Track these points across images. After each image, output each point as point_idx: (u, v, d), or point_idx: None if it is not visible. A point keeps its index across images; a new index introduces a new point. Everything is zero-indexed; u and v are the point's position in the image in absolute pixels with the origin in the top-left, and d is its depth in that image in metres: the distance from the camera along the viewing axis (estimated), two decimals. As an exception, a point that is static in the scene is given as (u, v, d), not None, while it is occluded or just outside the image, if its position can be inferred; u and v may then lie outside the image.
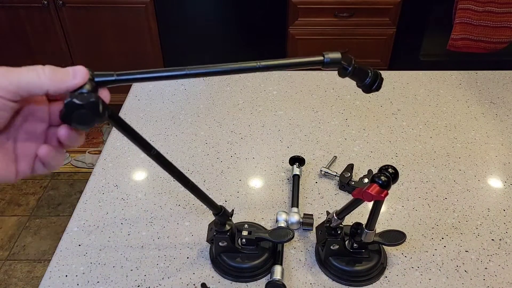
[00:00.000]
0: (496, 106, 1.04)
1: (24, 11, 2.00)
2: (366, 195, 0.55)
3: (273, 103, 1.06)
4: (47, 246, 1.74)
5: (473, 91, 1.10)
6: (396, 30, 2.03)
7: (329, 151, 0.91)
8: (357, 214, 0.75)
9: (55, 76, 0.32)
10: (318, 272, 0.67)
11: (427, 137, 0.95)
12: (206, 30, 2.08)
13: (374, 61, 2.13)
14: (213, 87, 1.11)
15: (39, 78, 0.32)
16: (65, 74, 0.33)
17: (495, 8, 1.75)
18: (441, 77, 1.15)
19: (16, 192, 1.98)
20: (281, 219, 0.73)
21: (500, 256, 0.69)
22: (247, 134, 0.95)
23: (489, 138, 0.94)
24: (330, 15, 1.99)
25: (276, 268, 0.65)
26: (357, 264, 0.65)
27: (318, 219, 0.74)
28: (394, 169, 0.56)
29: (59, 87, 0.32)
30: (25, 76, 0.31)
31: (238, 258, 0.66)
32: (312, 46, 2.09)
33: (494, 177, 0.85)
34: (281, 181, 0.83)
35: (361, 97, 1.06)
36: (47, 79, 0.32)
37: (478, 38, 1.82)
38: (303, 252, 0.70)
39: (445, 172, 0.85)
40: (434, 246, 0.71)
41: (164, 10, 2.00)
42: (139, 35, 2.04)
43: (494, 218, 0.76)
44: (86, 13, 2.01)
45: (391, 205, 0.78)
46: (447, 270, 0.67)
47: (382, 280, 0.66)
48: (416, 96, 1.08)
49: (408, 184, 0.83)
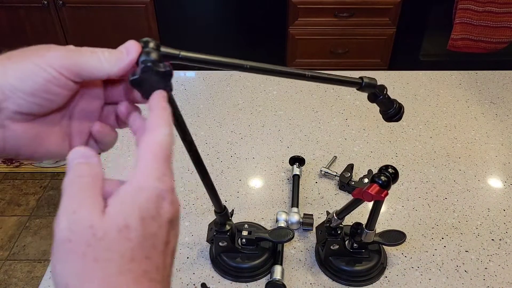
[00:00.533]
0: (496, 106, 1.04)
1: (24, 11, 2.01)
2: (366, 195, 0.55)
3: (273, 103, 1.06)
4: (47, 246, 1.74)
5: (473, 91, 1.10)
6: (396, 30, 2.03)
7: (329, 151, 0.91)
8: (357, 214, 0.75)
9: (112, 58, 0.32)
10: (318, 272, 0.67)
11: (427, 137, 0.95)
12: (206, 30, 2.08)
13: (374, 61, 2.13)
14: (213, 87, 1.11)
15: (101, 64, 0.32)
16: (120, 53, 0.33)
17: (495, 8, 1.75)
18: (441, 77, 1.15)
19: (16, 192, 1.98)
20: (281, 219, 0.72)
21: (500, 256, 0.69)
22: (247, 134, 0.95)
23: (489, 138, 0.94)
24: (330, 15, 1.99)
25: (276, 268, 0.65)
26: (357, 264, 0.65)
27: (318, 219, 0.74)
28: (394, 169, 0.56)
29: (119, 68, 0.32)
30: (88, 60, 0.31)
31: (238, 258, 0.66)
32: (312, 46, 2.09)
33: (494, 177, 0.85)
34: (281, 181, 0.83)
35: (361, 97, 1.06)
36: (107, 63, 0.32)
37: (478, 38, 1.82)
38: (303, 252, 0.70)
39: (445, 172, 0.85)
40: (434, 246, 0.71)
41: (164, 10, 2.00)
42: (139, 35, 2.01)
43: (494, 218, 0.76)
44: (86, 13, 2.01)
45: (391, 205, 0.78)
46: (447, 270, 0.67)
47: (382, 280, 0.66)
48: (416, 96, 1.08)
49: (408, 184, 0.83)
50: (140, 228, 0.26)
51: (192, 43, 2.11)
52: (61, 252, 0.25)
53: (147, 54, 0.33)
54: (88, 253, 0.25)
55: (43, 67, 0.30)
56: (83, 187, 0.28)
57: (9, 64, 0.30)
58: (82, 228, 0.25)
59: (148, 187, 0.28)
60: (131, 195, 0.28)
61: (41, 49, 0.31)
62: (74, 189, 0.27)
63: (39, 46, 0.32)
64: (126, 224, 0.26)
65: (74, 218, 0.26)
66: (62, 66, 0.30)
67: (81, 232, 0.25)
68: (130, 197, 0.27)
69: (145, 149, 0.30)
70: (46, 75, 0.30)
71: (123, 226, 0.26)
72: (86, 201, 0.27)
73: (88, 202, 0.27)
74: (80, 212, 0.26)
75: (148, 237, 0.27)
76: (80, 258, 0.25)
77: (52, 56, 0.30)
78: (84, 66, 0.31)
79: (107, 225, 0.26)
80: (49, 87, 0.30)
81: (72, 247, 0.25)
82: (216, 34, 2.11)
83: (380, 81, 0.49)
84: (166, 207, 0.28)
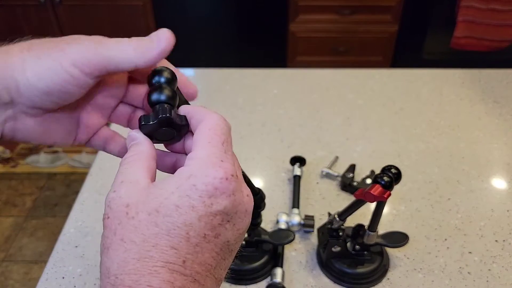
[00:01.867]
0: (500, 105, 1.03)
1: (20, 9, 2.00)
2: (369, 196, 0.54)
3: (274, 102, 1.04)
4: (43, 247, 1.73)
5: (476, 89, 1.09)
6: (398, 28, 2.01)
7: (330, 151, 0.89)
8: (359, 215, 0.73)
9: (140, 47, 0.30)
10: (319, 275, 0.66)
11: (430, 136, 0.93)
12: (205, 27, 2.07)
13: (376, 59, 2.12)
14: (212, 86, 1.10)
15: (127, 54, 0.30)
16: (149, 42, 0.31)
17: (499, 6, 1.73)
18: (444, 75, 1.14)
19: (12, 192, 1.97)
20: (281, 220, 0.72)
21: (504, 257, 0.68)
22: (247, 133, 0.94)
23: (493, 138, 0.93)
24: (331, 12, 1.98)
25: (276, 271, 0.64)
26: (359, 266, 0.64)
27: (319, 221, 0.73)
28: (397, 170, 0.56)
29: (147, 58, 0.30)
30: (116, 53, 0.30)
31: (238, 260, 0.65)
32: (313, 44, 2.07)
33: (498, 177, 0.84)
34: (281, 182, 0.82)
35: (364, 96, 1.05)
36: (134, 51, 0.30)
37: (481, 36, 1.81)
38: (304, 254, 0.69)
39: (448, 172, 0.84)
40: (437, 247, 0.70)
41: (162, 8, 1.99)
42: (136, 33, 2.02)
43: (498, 219, 0.75)
44: (83, 11, 2.00)
45: (394, 206, 0.77)
46: (450, 272, 0.66)
47: (385, 282, 0.65)
48: (419, 95, 1.07)
49: (411, 184, 0.82)
50: (172, 215, 0.25)
51: (191, 41, 2.10)
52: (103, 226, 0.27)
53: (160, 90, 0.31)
54: (118, 231, 0.26)
55: (64, 66, 0.28)
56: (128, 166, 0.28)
57: (29, 58, 0.29)
58: (117, 205, 0.26)
59: (197, 175, 0.26)
60: (177, 180, 0.27)
61: (63, 42, 0.29)
62: (121, 168, 0.28)
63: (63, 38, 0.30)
64: (157, 209, 0.25)
65: (114, 196, 0.27)
66: (85, 63, 0.29)
67: (116, 210, 0.26)
68: (175, 183, 0.27)
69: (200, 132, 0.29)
70: (66, 75, 0.28)
71: (154, 209, 0.25)
72: (127, 179, 0.27)
73: (128, 180, 0.27)
74: (120, 190, 0.27)
75: (180, 226, 0.25)
76: (111, 235, 0.26)
77: (75, 51, 0.29)
78: (111, 60, 0.29)
79: (141, 205, 0.26)
80: (67, 87, 0.29)
81: (107, 223, 0.26)
82: (215, 31, 2.10)
83: (382, 80, 0.48)
84: (218, 197, 0.26)
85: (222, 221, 0.27)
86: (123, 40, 0.31)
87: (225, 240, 0.27)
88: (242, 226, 0.29)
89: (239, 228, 0.28)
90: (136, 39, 0.31)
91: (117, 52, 0.30)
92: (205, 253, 0.26)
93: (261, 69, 1.16)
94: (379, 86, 1.08)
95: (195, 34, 2.08)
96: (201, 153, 0.27)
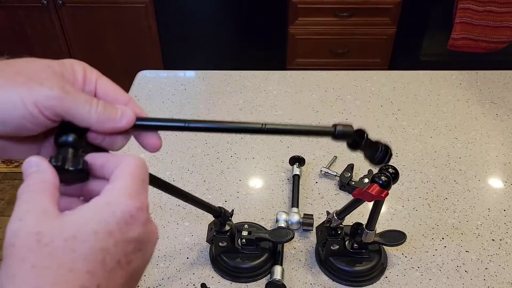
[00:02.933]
0: (497, 106, 1.04)
1: (23, 11, 2.00)
2: (367, 195, 0.55)
3: (273, 102, 1.05)
4: (46, 246, 1.74)
5: (473, 91, 1.10)
6: (396, 29, 2.02)
7: (329, 151, 0.90)
8: (357, 214, 0.74)
9: (102, 116, 0.30)
10: (318, 273, 0.67)
11: (427, 137, 0.94)
12: (205, 29, 2.08)
13: (374, 60, 2.13)
14: (213, 87, 1.11)
15: (88, 116, 0.30)
16: (114, 113, 0.31)
17: (496, 8, 1.75)
18: (442, 77, 1.15)
19: (15, 192, 1.96)
20: (281, 219, 0.72)
21: (501, 256, 0.69)
22: (247, 134, 0.95)
23: (489, 138, 0.94)
24: (330, 14, 1.99)
25: (276, 269, 0.65)
26: (357, 265, 0.65)
27: (318, 219, 0.74)
28: (395, 169, 0.56)
29: (103, 128, 0.31)
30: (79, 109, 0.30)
31: (238, 259, 0.66)
32: (312, 46, 2.08)
33: (495, 177, 0.84)
34: (281, 181, 0.83)
35: (361, 97, 1.06)
36: (96, 118, 0.30)
37: (478, 38, 1.82)
38: (303, 252, 0.70)
39: (445, 172, 0.85)
40: (435, 246, 0.71)
41: (164, 10, 2.00)
42: (138, 35, 2.04)
43: (494, 218, 0.76)
44: (85, 13, 2.00)
45: (392, 205, 0.78)
46: (448, 270, 0.67)
47: (382, 280, 0.66)
48: (417, 96, 1.08)
49: (408, 184, 0.82)
50: (89, 240, 0.26)
51: (192, 43, 2.11)
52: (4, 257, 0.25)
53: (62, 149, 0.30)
54: (27, 258, 0.25)
55: (26, 103, 0.28)
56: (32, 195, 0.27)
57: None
58: (26, 233, 0.25)
59: (116, 203, 0.27)
60: (94, 207, 0.27)
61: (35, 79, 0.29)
62: (24, 197, 0.27)
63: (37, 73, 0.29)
64: (74, 235, 0.26)
65: (20, 225, 0.26)
66: (47, 107, 0.28)
67: (24, 238, 0.25)
68: (92, 210, 0.27)
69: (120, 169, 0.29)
70: (24, 112, 0.28)
71: (71, 236, 0.26)
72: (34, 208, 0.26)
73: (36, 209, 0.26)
74: (27, 219, 0.26)
75: (96, 251, 0.26)
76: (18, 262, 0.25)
77: (42, 93, 0.28)
78: (71, 113, 0.29)
79: (56, 232, 0.26)
80: (23, 123, 0.29)
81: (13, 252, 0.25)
82: (215, 34, 2.11)
83: (380, 81, 0.48)
84: (134, 225, 0.27)
85: (135, 248, 0.28)
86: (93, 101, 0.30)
87: (135, 267, 0.28)
88: (149, 257, 0.30)
89: (146, 258, 0.30)
90: (103, 106, 0.31)
91: (81, 111, 0.30)
92: (117, 279, 0.27)
93: (261, 71, 1.17)
94: (377, 87, 1.09)
95: (196, 36, 2.09)
96: (121, 184, 0.28)
